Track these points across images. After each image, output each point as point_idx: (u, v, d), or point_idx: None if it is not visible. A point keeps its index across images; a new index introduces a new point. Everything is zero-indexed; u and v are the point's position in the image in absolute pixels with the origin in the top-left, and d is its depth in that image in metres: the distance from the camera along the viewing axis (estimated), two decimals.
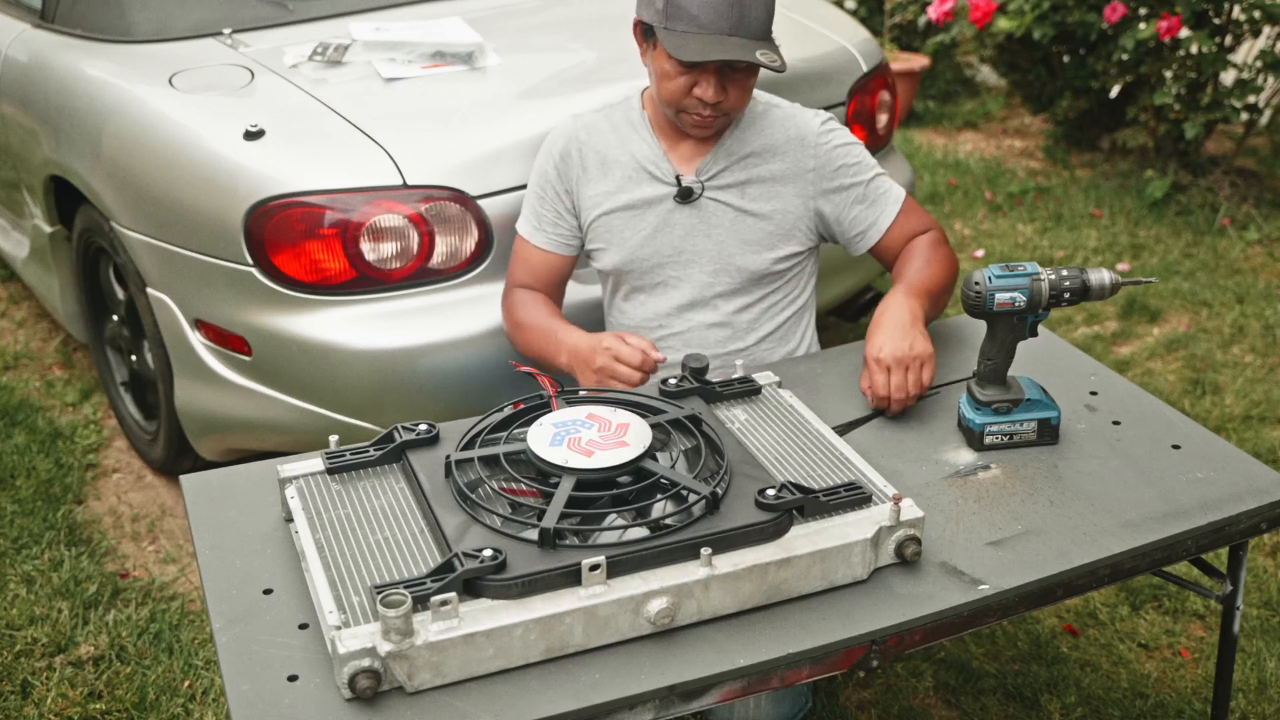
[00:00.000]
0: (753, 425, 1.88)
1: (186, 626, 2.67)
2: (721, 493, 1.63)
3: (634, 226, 2.27)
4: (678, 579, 1.54)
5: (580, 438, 1.68)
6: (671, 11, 2.06)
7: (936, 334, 2.29)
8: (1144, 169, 4.95)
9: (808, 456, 1.79)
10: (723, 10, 2.04)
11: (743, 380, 1.97)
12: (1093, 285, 1.89)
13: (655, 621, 1.53)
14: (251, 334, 2.64)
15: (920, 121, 5.88)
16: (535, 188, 2.34)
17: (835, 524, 1.63)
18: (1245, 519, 1.80)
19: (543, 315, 2.31)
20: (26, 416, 3.44)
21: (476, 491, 1.65)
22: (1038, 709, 2.42)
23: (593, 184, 2.28)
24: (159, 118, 2.82)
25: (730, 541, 1.58)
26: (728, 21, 2.04)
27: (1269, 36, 4.60)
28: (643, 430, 1.70)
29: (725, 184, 2.25)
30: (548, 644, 1.51)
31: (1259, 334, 3.83)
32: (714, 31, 2.05)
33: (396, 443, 1.77)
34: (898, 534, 1.64)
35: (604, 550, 1.54)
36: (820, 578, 1.61)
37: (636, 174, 2.26)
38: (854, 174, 2.26)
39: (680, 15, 2.05)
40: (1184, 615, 2.67)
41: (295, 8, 3.23)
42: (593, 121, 2.31)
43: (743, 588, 1.57)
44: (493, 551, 1.51)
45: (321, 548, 1.62)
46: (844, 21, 3.49)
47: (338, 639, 1.44)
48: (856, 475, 1.73)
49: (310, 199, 2.54)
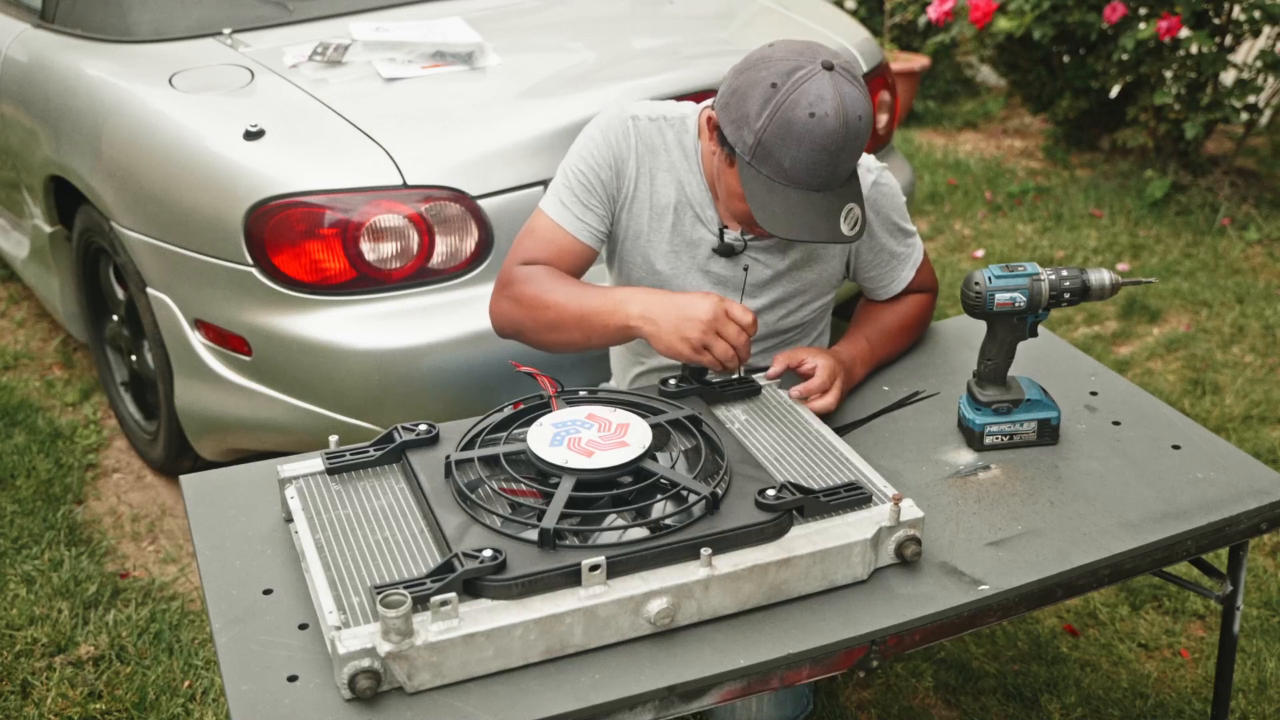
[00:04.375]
0: (752, 425, 1.88)
1: (186, 626, 2.67)
2: (721, 493, 1.63)
3: (669, 261, 2.12)
4: (678, 579, 1.54)
5: (580, 438, 1.68)
6: (761, 154, 1.83)
7: (937, 334, 2.30)
8: (1144, 169, 4.95)
9: (807, 457, 1.79)
10: (817, 171, 1.82)
11: (743, 380, 1.96)
12: (1093, 285, 1.89)
13: (655, 622, 1.53)
14: (251, 334, 2.64)
15: (920, 121, 5.88)
16: (582, 178, 2.08)
17: (835, 524, 1.63)
18: (1245, 519, 1.80)
19: (570, 282, 2.04)
20: (26, 416, 3.44)
21: (476, 492, 1.65)
22: (1038, 709, 2.42)
23: (640, 204, 2.10)
24: (159, 118, 2.82)
25: (730, 542, 1.58)
26: (818, 180, 1.83)
27: (1269, 36, 4.60)
28: (643, 430, 1.70)
29: (768, 244, 2.09)
30: (548, 644, 1.51)
31: (1259, 334, 3.83)
32: (801, 187, 1.84)
33: (396, 443, 1.77)
34: (898, 534, 1.64)
35: (604, 550, 1.54)
36: (820, 578, 1.61)
37: (683, 208, 2.08)
38: (894, 237, 2.16)
39: (769, 161, 1.83)
40: (1184, 615, 2.66)
41: (295, 8, 3.23)
42: (651, 136, 2.09)
43: (743, 588, 1.57)
44: (493, 552, 1.51)
45: (321, 548, 1.61)
46: (844, 21, 3.50)
47: (337, 639, 1.44)
48: (856, 475, 1.73)
49: (310, 199, 2.54)
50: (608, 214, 2.11)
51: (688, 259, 2.11)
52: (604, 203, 2.10)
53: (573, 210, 2.09)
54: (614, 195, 2.10)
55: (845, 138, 1.81)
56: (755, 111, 1.82)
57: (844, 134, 1.80)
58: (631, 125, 2.08)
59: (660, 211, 2.09)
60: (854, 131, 1.82)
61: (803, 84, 1.80)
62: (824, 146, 1.80)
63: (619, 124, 2.08)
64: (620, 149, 2.08)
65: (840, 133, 1.80)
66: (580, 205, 2.09)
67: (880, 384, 2.13)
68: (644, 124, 2.09)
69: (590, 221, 2.09)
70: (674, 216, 2.09)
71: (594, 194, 2.09)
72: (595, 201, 2.09)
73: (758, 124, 1.82)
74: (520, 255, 2.10)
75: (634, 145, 2.08)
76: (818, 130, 1.79)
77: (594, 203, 2.09)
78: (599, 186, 2.09)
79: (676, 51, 3.22)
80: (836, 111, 1.79)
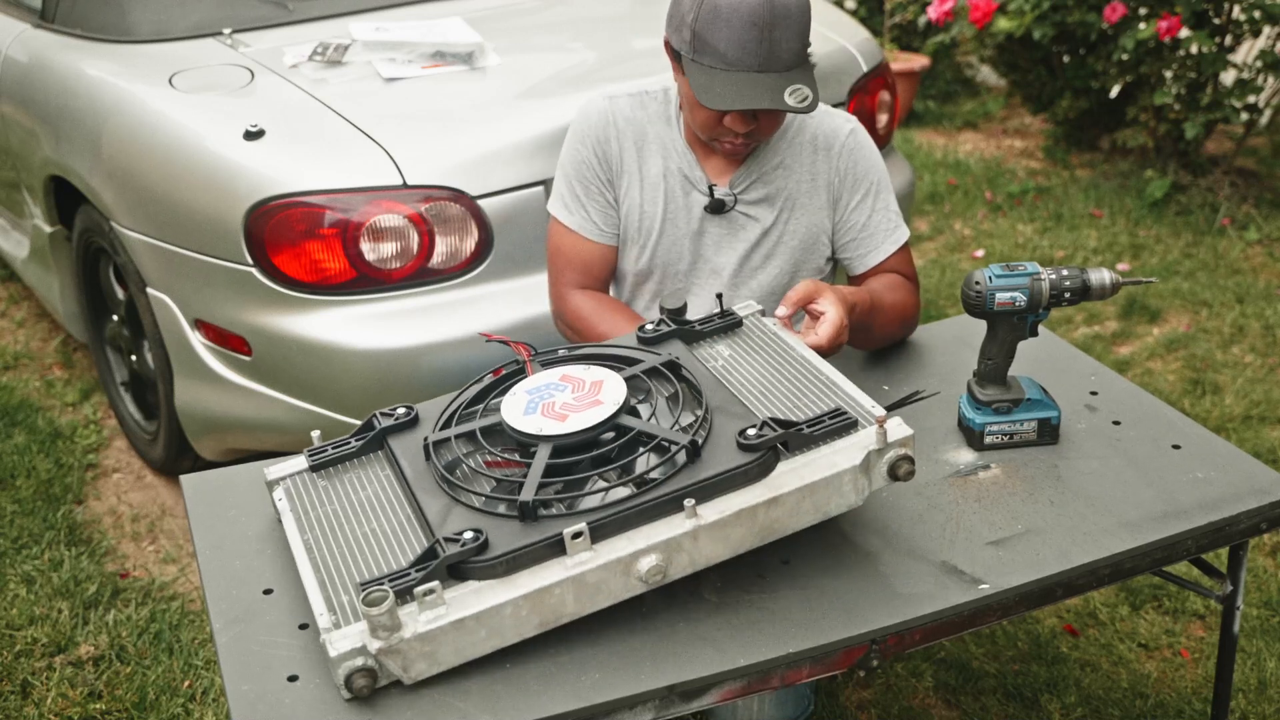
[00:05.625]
0: (736, 361, 1.82)
1: (186, 626, 2.67)
2: (702, 440, 1.58)
3: (666, 231, 2.18)
4: (664, 534, 1.50)
5: (554, 402, 1.64)
6: (698, 45, 1.94)
7: (937, 334, 2.29)
8: (1144, 169, 4.95)
9: (794, 385, 1.73)
10: (750, 47, 1.91)
11: (723, 314, 1.89)
12: (1093, 285, 1.89)
13: (647, 580, 1.50)
14: (251, 334, 2.64)
15: (920, 121, 5.88)
16: (576, 178, 2.18)
17: (823, 454, 1.58)
18: (1245, 519, 1.80)
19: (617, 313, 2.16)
20: (26, 416, 3.44)
21: (455, 472, 1.62)
22: (1038, 709, 2.41)
23: (630, 178, 2.17)
24: (159, 118, 2.82)
25: (714, 488, 1.53)
26: (756, 59, 1.91)
27: (1269, 36, 4.59)
28: (617, 385, 1.66)
29: (757, 198, 2.16)
30: (541, 617, 1.48)
31: (1259, 334, 3.83)
32: (742, 69, 1.92)
33: (376, 430, 1.74)
34: (889, 455, 1.59)
35: (584, 516, 1.50)
36: (813, 511, 1.57)
37: (672, 176, 2.16)
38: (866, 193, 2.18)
39: (706, 50, 1.93)
40: (1184, 615, 2.66)
41: (295, 8, 3.23)
42: (629, 112, 2.17)
43: (733, 533, 1.54)
44: (473, 533, 1.48)
45: (310, 548, 1.60)
46: (844, 21, 3.49)
47: (329, 641, 1.43)
48: (842, 400, 1.68)
49: (310, 199, 2.54)
50: (611, 199, 2.19)
51: (684, 224, 2.17)
52: (602, 190, 2.18)
53: (581, 212, 2.20)
54: (607, 179, 2.18)
55: (773, 11, 1.90)
56: (688, 6, 1.95)
57: (769, 7, 1.89)
58: (609, 106, 2.18)
59: (653, 182, 2.16)
60: (781, 6, 1.91)
61: None
62: (752, 21, 1.89)
63: (596, 109, 2.18)
64: (602, 132, 2.17)
65: (765, 6, 1.89)
66: (586, 204, 2.19)
67: (880, 384, 2.13)
68: (622, 102, 2.18)
69: (599, 220, 2.20)
70: (665, 184, 2.16)
71: (590, 186, 2.18)
72: (595, 192, 2.18)
73: (690, 17, 1.94)
74: (562, 280, 2.23)
75: (613, 123, 2.17)
76: (743, 7, 1.89)
77: (594, 194, 2.18)
78: (594, 179, 2.18)
79: None
80: None
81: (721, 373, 1.78)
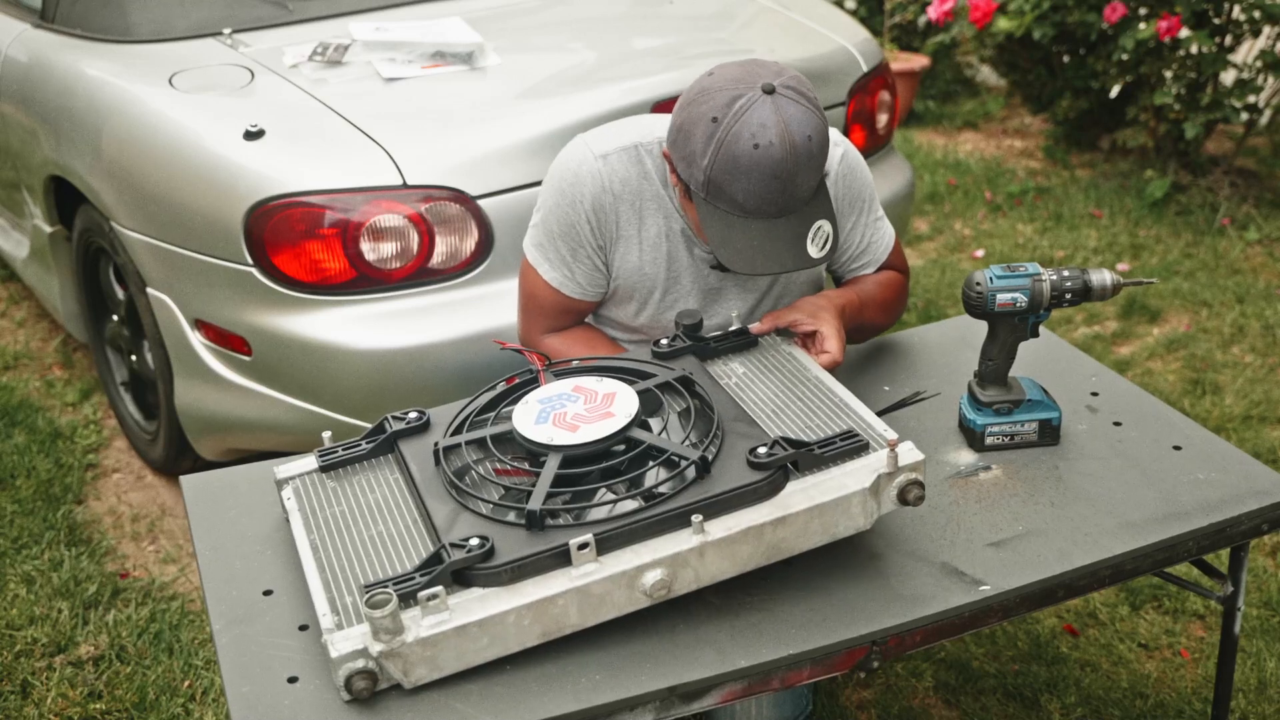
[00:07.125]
0: (750, 379, 1.82)
1: (186, 626, 2.67)
2: (712, 456, 1.59)
3: (671, 289, 2.08)
4: (671, 549, 1.50)
5: (565, 412, 1.64)
6: (713, 190, 1.79)
7: (937, 334, 2.29)
8: (1144, 169, 4.95)
9: (807, 407, 1.74)
10: (771, 198, 1.78)
11: (738, 333, 1.90)
12: (1094, 286, 1.89)
13: (652, 594, 1.51)
14: (251, 334, 2.63)
15: (920, 121, 5.88)
16: (563, 238, 2.04)
17: (833, 475, 1.58)
18: (1246, 520, 1.80)
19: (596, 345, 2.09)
20: (26, 416, 3.44)
21: (465, 478, 1.63)
22: (1038, 709, 2.41)
23: (627, 242, 2.04)
24: (159, 118, 2.82)
25: (722, 505, 1.53)
26: (776, 207, 1.79)
27: (1269, 36, 4.59)
28: (629, 399, 1.66)
29: None
30: (544, 627, 1.49)
31: (1259, 334, 3.83)
32: (760, 216, 1.80)
33: (388, 433, 1.74)
34: (899, 480, 1.59)
35: (592, 528, 1.50)
36: (821, 532, 1.57)
37: (674, 237, 2.04)
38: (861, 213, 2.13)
39: (722, 197, 1.79)
40: (1184, 615, 2.66)
41: (295, 8, 3.23)
42: (624, 171, 2.00)
43: (740, 551, 1.54)
44: (480, 540, 1.48)
45: (316, 549, 1.60)
46: (844, 21, 3.49)
47: (330, 642, 1.43)
48: (855, 422, 1.68)
49: (310, 199, 2.54)
50: (601, 263, 2.06)
51: (689, 282, 2.07)
52: (592, 256, 2.05)
53: (564, 270, 2.06)
54: (599, 244, 2.04)
55: (795, 162, 1.76)
56: (700, 149, 1.78)
57: (792, 159, 1.76)
58: (602, 170, 1.99)
59: (653, 242, 2.04)
60: (803, 153, 1.77)
61: (743, 115, 1.75)
62: (774, 175, 1.76)
63: (589, 172, 2.00)
64: (597, 200, 2.00)
65: (788, 159, 1.75)
66: (572, 265, 2.05)
67: (880, 384, 2.13)
68: (615, 162, 2.00)
69: (584, 281, 2.07)
70: (667, 244, 2.04)
71: (579, 250, 2.04)
72: (584, 256, 2.05)
73: (704, 161, 1.78)
74: (535, 326, 2.13)
75: (609, 189, 2.00)
76: (764, 160, 1.75)
77: (583, 258, 2.05)
78: (583, 243, 2.04)
79: (676, 51, 3.21)
80: (781, 138, 1.75)
81: (735, 390, 1.79)
